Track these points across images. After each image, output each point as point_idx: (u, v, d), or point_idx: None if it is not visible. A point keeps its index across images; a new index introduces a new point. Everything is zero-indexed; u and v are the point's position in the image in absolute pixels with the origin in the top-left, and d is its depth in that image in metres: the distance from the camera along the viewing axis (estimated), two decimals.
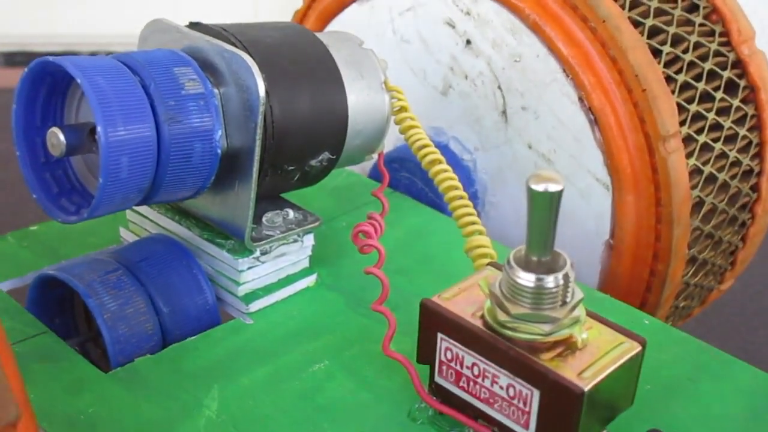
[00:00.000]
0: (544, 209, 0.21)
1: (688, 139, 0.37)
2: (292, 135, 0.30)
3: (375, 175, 0.44)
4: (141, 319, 0.29)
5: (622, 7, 0.37)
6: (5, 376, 0.17)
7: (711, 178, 0.38)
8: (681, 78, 0.37)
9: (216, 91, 0.28)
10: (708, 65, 0.38)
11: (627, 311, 0.32)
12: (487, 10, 0.38)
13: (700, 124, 0.38)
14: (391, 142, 0.41)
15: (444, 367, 0.25)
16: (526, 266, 0.22)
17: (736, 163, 0.40)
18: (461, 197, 0.31)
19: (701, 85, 0.38)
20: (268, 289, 0.32)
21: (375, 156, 0.35)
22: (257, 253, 0.31)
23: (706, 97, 0.38)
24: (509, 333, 0.23)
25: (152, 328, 0.29)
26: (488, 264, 0.26)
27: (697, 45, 0.38)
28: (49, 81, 0.28)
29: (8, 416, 0.17)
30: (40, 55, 0.27)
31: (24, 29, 1.28)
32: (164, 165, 0.27)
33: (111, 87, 0.26)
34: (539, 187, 0.20)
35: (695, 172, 0.38)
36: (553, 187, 0.20)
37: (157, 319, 0.29)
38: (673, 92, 0.36)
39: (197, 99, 0.28)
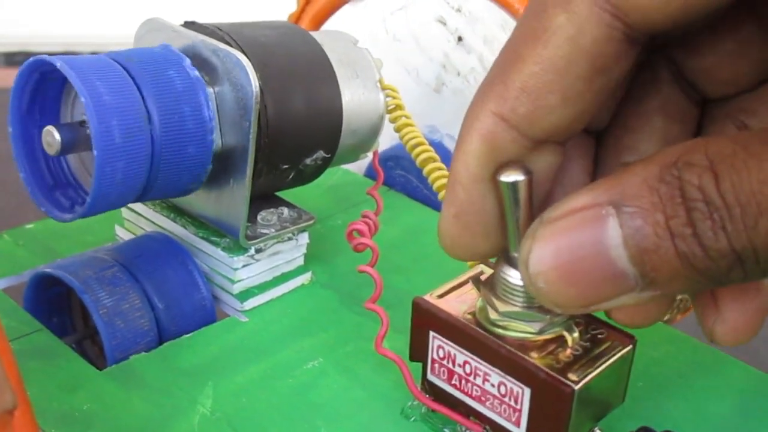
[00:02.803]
0: (514, 201, 0.20)
1: None
2: (287, 134, 0.30)
3: (371, 173, 0.44)
4: (137, 314, 0.29)
5: None
6: (2, 365, 0.18)
7: None
8: None
9: (210, 89, 0.29)
10: None
11: None
12: (477, 7, 0.38)
13: None
14: (386, 140, 0.41)
15: (436, 365, 0.25)
16: (517, 265, 0.22)
17: None
18: None
19: None
20: (263, 287, 0.32)
21: (370, 154, 0.35)
22: (252, 251, 0.31)
23: None
24: (500, 331, 0.23)
25: (148, 324, 0.29)
26: (480, 262, 0.27)
27: None
28: (43, 80, 0.28)
29: (5, 403, 0.17)
30: (39, 55, 0.27)
31: (24, 29, 1.28)
32: (158, 161, 0.27)
33: (105, 87, 0.26)
34: (508, 178, 0.19)
35: None
36: (522, 178, 0.19)
37: (152, 315, 0.30)
38: None
39: (191, 96, 0.28)
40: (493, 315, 0.23)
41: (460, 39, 0.39)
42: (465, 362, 0.24)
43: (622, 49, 0.18)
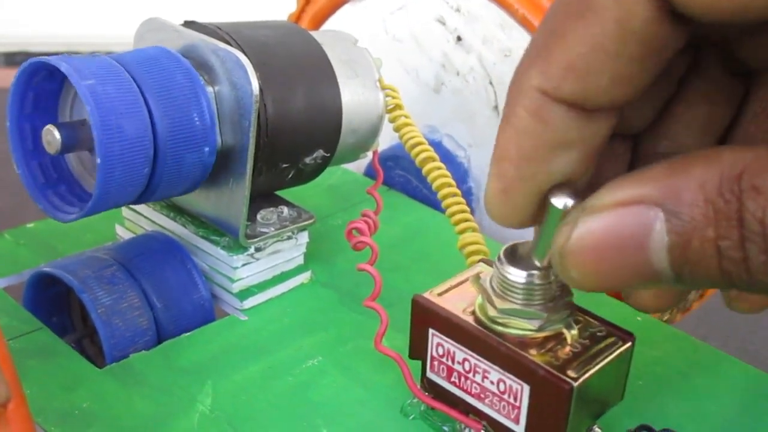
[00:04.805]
0: (558, 222, 0.20)
1: None
2: (286, 133, 0.30)
3: (371, 172, 0.44)
4: (135, 314, 0.29)
5: None
6: None
7: None
8: None
9: (210, 89, 0.29)
10: None
11: (619, 308, 0.32)
12: (476, 6, 0.38)
13: None
14: (386, 140, 0.41)
15: (435, 363, 0.25)
16: (517, 263, 0.22)
17: None
18: (454, 194, 0.31)
19: None
20: (263, 286, 0.32)
21: (369, 154, 0.35)
22: (252, 250, 0.31)
23: None
24: (500, 329, 0.23)
25: (146, 323, 0.29)
26: (480, 260, 0.27)
27: None
28: (42, 80, 0.28)
29: None
30: (40, 55, 0.27)
31: (24, 29, 1.28)
32: (160, 164, 0.27)
33: (105, 86, 0.26)
34: (558, 203, 0.19)
35: None
36: (571, 203, 0.19)
37: (151, 314, 0.30)
38: None
39: (193, 100, 0.28)
40: (493, 312, 0.23)
41: (459, 39, 0.39)
42: (464, 359, 0.24)
43: (675, 29, 0.17)
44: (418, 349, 0.25)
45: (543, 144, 0.19)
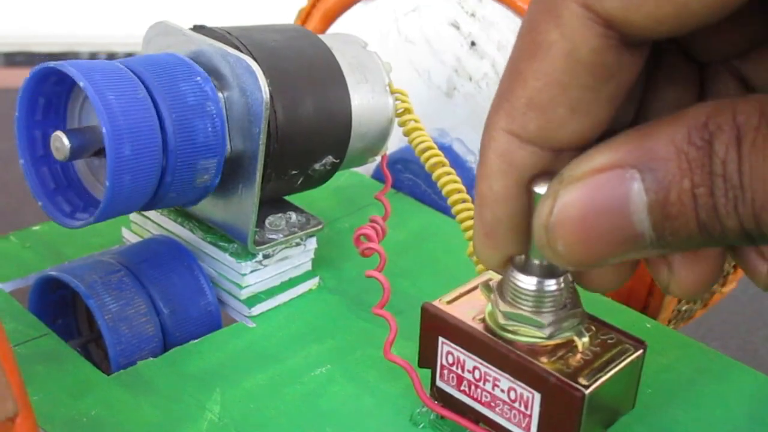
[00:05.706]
0: None
1: None
2: (296, 139, 0.30)
3: (379, 175, 0.44)
4: (142, 320, 0.29)
5: None
6: (4, 372, 0.18)
7: None
8: None
9: (220, 95, 0.29)
10: None
11: (629, 315, 0.32)
12: (491, 12, 0.38)
13: None
14: (395, 143, 0.41)
15: (445, 371, 0.25)
16: (527, 269, 0.22)
17: None
18: (464, 200, 0.31)
19: None
20: (271, 293, 0.32)
21: (378, 158, 0.35)
22: (260, 257, 0.31)
23: None
24: (510, 336, 0.23)
25: (153, 329, 0.29)
26: None
27: None
28: (51, 85, 0.28)
29: (6, 411, 0.17)
30: (40, 55, 0.27)
31: (24, 29, 1.28)
32: (170, 170, 0.27)
33: (117, 94, 0.26)
34: (542, 190, 0.19)
35: None
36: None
37: (158, 321, 0.30)
38: None
39: (204, 105, 0.28)
40: (503, 320, 0.23)
41: (473, 44, 0.39)
42: (474, 368, 0.24)
43: (625, 55, 0.18)
44: (427, 358, 0.25)
45: (513, 185, 0.19)
